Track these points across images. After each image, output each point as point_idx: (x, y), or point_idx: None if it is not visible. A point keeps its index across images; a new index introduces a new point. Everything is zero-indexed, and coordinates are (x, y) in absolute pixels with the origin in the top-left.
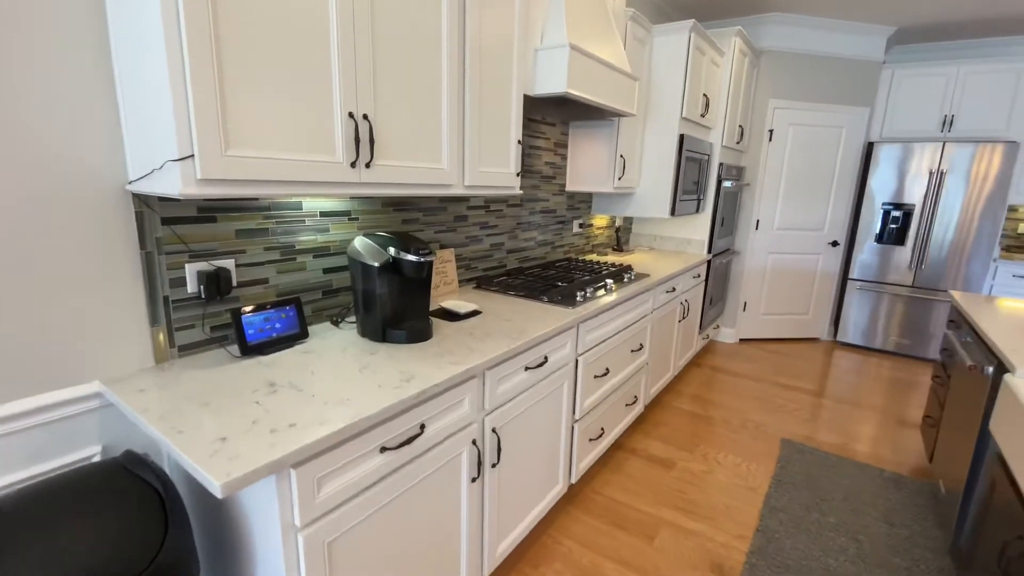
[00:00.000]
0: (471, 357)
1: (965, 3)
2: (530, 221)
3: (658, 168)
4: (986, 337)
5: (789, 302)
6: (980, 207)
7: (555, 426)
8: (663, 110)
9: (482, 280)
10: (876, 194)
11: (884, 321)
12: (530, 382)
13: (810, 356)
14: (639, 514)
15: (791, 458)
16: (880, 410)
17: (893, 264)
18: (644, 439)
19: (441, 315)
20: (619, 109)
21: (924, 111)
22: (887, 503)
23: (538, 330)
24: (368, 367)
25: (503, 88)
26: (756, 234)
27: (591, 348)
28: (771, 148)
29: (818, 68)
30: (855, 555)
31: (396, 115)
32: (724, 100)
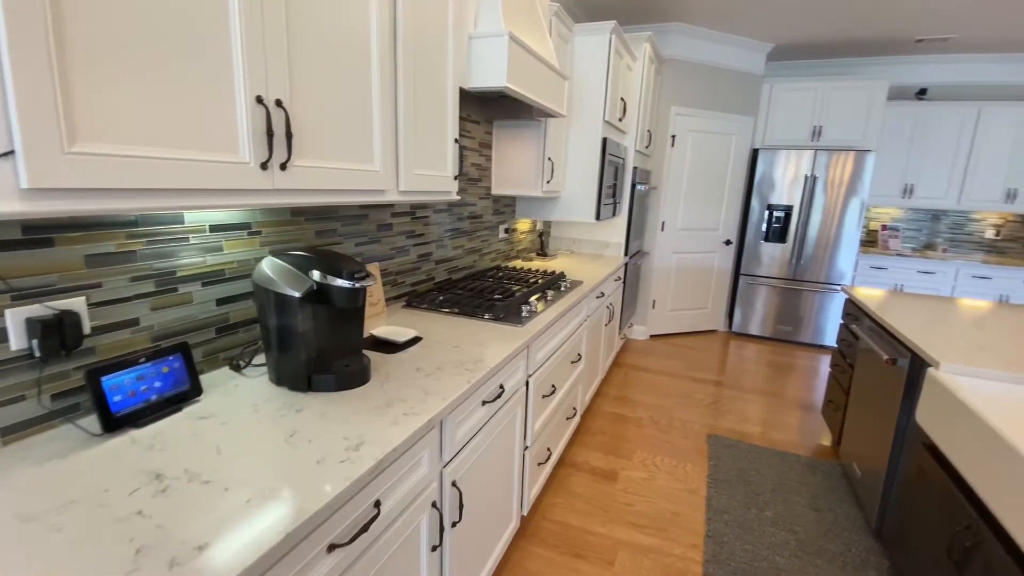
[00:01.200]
0: (429, 403)
1: (830, 26)
2: (458, 228)
3: (582, 171)
4: (897, 332)
5: (691, 298)
6: (843, 207)
7: (509, 459)
8: (587, 112)
9: (412, 297)
10: (760, 197)
11: (769, 311)
12: (487, 417)
13: (712, 348)
14: (594, 538)
15: (720, 454)
16: (780, 396)
17: (776, 259)
18: (584, 451)
19: (374, 346)
20: (552, 109)
21: (797, 122)
22: (809, 489)
23: (493, 356)
24: (298, 433)
25: (438, 79)
26: (662, 235)
27: (540, 367)
28: (673, 153)
29: (712, 78)
30: (796, 548)
31: (319, 102)
32: (637, 105)
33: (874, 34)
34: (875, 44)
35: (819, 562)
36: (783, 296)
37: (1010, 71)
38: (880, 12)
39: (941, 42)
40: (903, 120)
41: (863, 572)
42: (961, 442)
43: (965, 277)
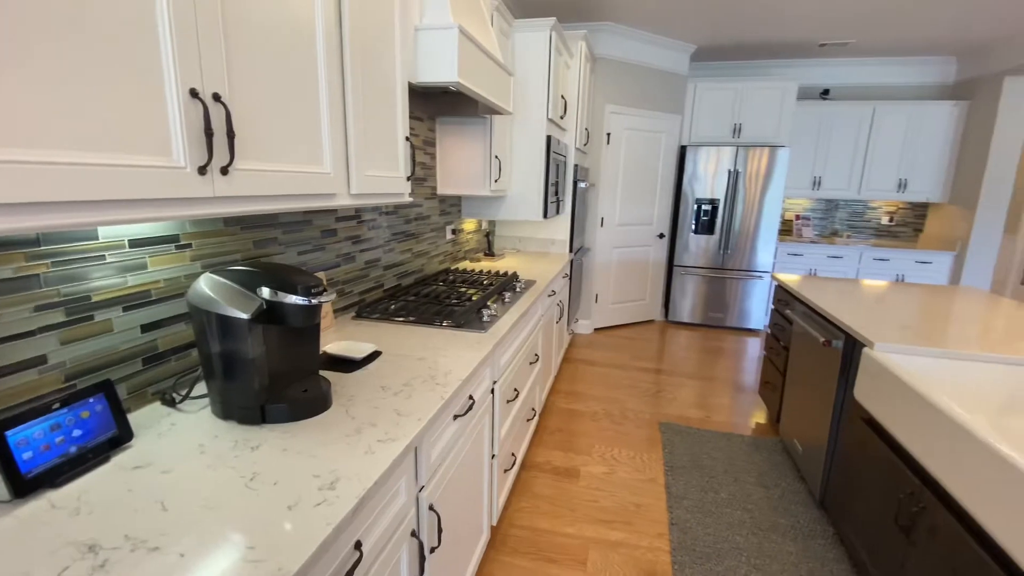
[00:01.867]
0: (404, 425)
1: (744, 30)
2: (405, 230)
3: (528, 169)
4: (831, 316)
5: (631, 290)
6: (762, 200)
7: (479, 471)
8: (530, 110)
9: (362, 307)
10: (690, 191)
11: (701, 299)
12: (459, 432)
13: (652, 337)
14: (564, 539)
15: (672, 441)
16: (718, 379)
17: (706, 250)
18: (545, 451)
19: (329, 365)
20: (500, 106)
21: (720, 120)
22: (756, 467)
23: (462, 367)
24: (259, 475)
25: (387, 72)
26: (602, 231)
27: (504, 372)
28: (609, 150)
29: (642, 77)
30: (751, 525)
31: (262, 97)
32: (576, 103)
33: (783, 38)
34: (785, 47)
35: (774, 537)
36: (713, 284)
37: (900, 73)
38: (787, 18)
39: (841, 46)
40: (810, 118)
41: (812, 541)
42: (900, 415)
43: (867, 260)
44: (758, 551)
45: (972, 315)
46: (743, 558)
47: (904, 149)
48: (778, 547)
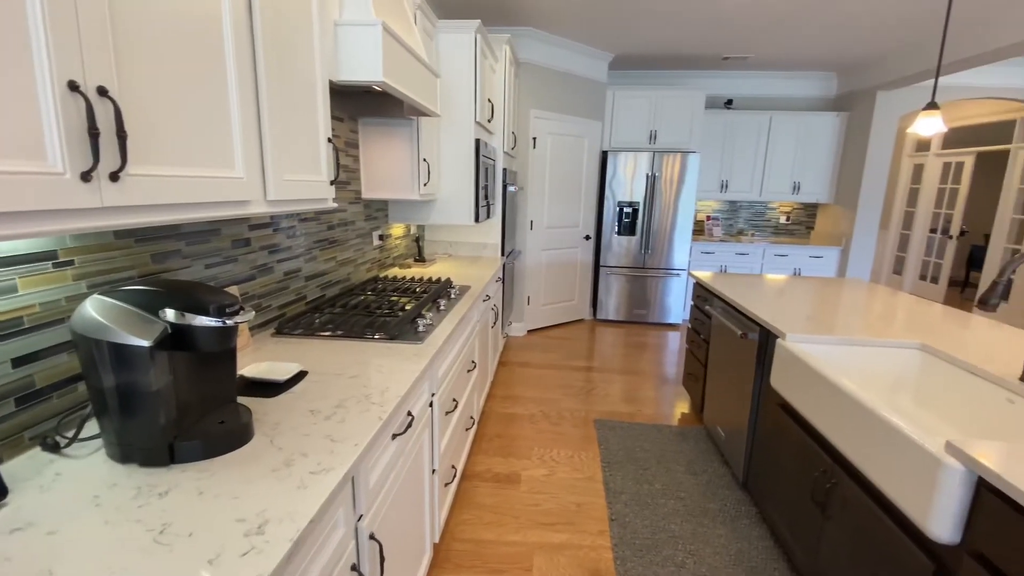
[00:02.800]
0: (340, 453)
1: (655, 41)
2: (328, 237)
3: (458, 173)
4: (745, 311)
5: (560, 291)
6: (677, 202)
7: (420, 488)
8: (458, 112)
9: (283, 323)
10: (612, 194)
11: (626, 297)
12: (399, 452)
13: (583, 336)
14: (509, 548)
15: (607, 437)
16: (645, 373)
17: (628, 251)
18: (485, 458)
19: (248, 390)
20: (427, 107)
21: (636, 126)
22: (684, 455)
23: (399, 383)
24: (171, 526)
25: (305, 69)
26: (531, 233)
27: (443, 383)
28: (535, 154)
29: (564, 83)
30: (684, 513)
31: (159, 91)
32: (502, 106)
33: (691, 51)
34: (693, 59)
35: (705, 521)
36: (635, 283)
37: (792, 86)
38: (693, 32)
39: (742, 60)
40: (717, 126)
41: (739, 522)
42: (810, 399)
43: (769, 256)
44: (692, 537)
45: (859, 304)
46: (679, 545)
47: (796, 155)
48: (709, 531)
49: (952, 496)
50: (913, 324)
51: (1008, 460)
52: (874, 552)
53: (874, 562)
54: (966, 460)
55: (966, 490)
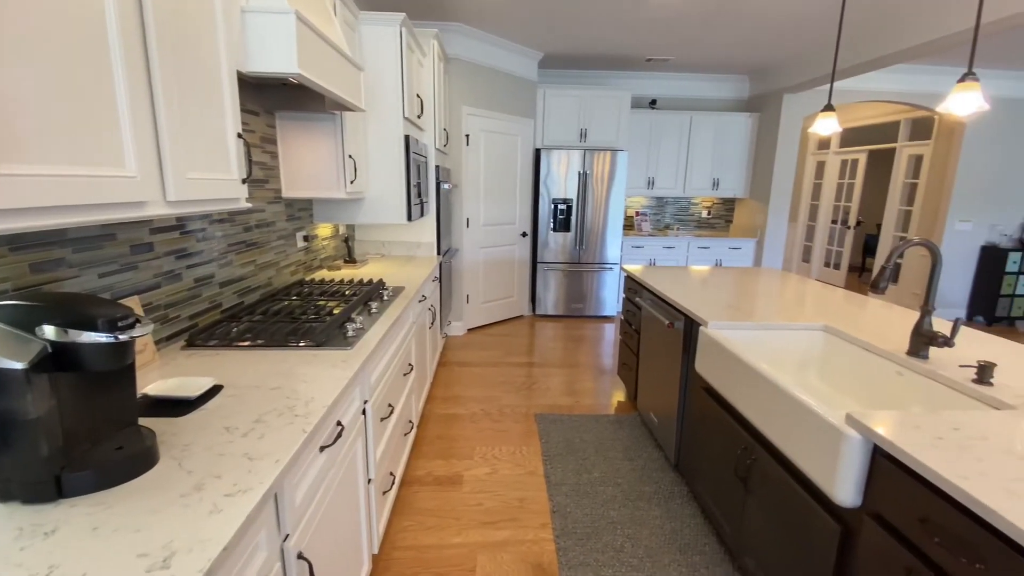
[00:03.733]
0: (258, 471)
1: (582, 42)
2: (245, 240)
3: (387, 170)
4: (672, 301)
5: (499, 288)
6: (608, 198)
7: (355, 499)
8: (385, 108)
9: (195, 334)
10: (547, 192)
11: (563, 292)
12: (329, 463)
13: (522, 332)
14: (451, 551)
15: (548, 430)
16: (583, 366)
17: (564, 246)
18: (425, 462)
19: (152, 410)
20: (350, 101)
21: (567, 124)
22: (621, 442)
23: (326, 392)
24: (59, 569)
25: (208, 57)
26: (468, 231)
27: (376, 389)
28: (468, 152)
29: (496, 81)
30: (622, 498)
31: (29, 80)
32: (432, 102)
33: (617, 52)
34: (619, 60)
35: (641, 504)
36: (572, 278)
37: (710, 88)
38: (617, 34)
39: (664, 62)
40: (643, 125)
41: (672, 502)
42: (731, 381)
43: (693, 248)
44: (630, 520)
45: (772, 291)
46: (618, 530)
47: (715, 153)
48: (645, 513)
49: (853, 463)
50: (818, 308)
51: (897, 428)
52: (790, 520)
53: (790, 529)
54: (863, 430)
55: (864, 457)
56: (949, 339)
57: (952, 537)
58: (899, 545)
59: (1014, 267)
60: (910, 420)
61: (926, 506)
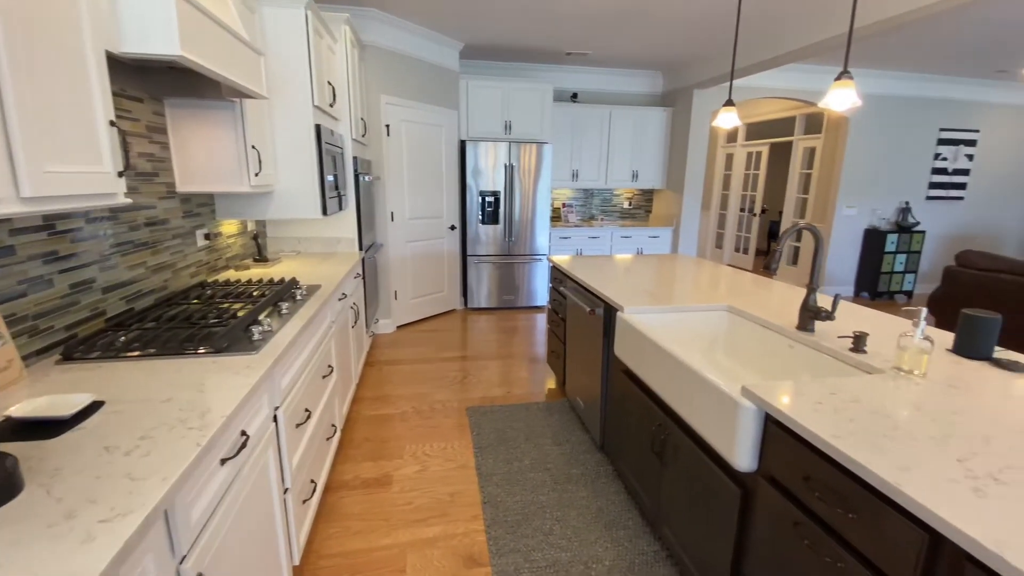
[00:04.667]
0: (142, 491)
1: (501, 33)
2: (132, 240)
3: (297, 162)
4: (592, 288)
5: (429, 283)
6: (535, 191)
7: (268, 511)
8: (291, 95)
9: (73, 346)
10: (474, 184)
11: (494, 285)
12: (231, 476)
13: (454, 327)
14: (380, 553)
15: (479, 423)
16: (516, 356)
17: (493, 239)
18: (352, 466)
19: (18, 433)
20: (248, 88)
21: (491, 116)
22: (551, 429)
23: (225, 401)
24: None
25: (66, 36)
26: (393, 225)
27: (289, 394)
28: (390, 143)
29: (416, 70)
30: (551, 483)
31: None
32: (347, 91)
33: (537, 45)
34: (539, 53)
35: (570, 487)
36: (503, 270)
37: (627, 83)
38: (536, 27)
39: (583, 56)
40: (565, 118)
41: (598, 482)
42: (645, 362)
43: (616, 238)
44: (558, 503)
45: (685, 276)
46: (547, 514)
47: (633, 146)
48: (573, 495)
49: (748, 431)
50: (724, 290)
51: (784, 396)
52: (699, 488)
53: (699, 497)
54: (756, 400)
55: (758, 425)
56: (831, 313)
57: (830, 491)
58: (788, 502)
59: (892, 247)
60: (796, 388)
61: (809, 465)
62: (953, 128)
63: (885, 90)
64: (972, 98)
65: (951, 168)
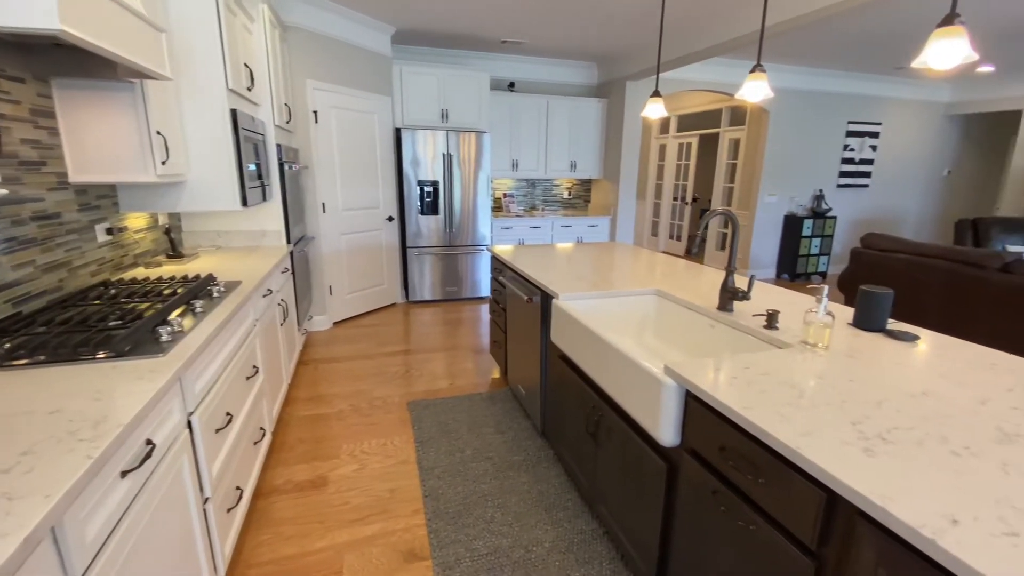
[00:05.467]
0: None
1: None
2: (17, 236)
3: (212, 150)
4: (529, 277)
5: (367, 277)
6: (475, 180)
7: (186, 525)
8: (202, 77)
9: None
10: (412, 174)
11: (437, 276)
12: (136, 489)
13: (395, 321)
14: (315, 557)
15: (421, 416)
16: (459, 348)
17: (433, 230)
18: (284, 470)
19: None
20: (147, 67)
21: (427, 104)
22: (493, 418)
23: (124, 409)
24: None
25: None
26: (325, 217)
27: (205, 397)
28: (318, 130)
29: (345, 54)
30: (493, 471)
31: None
32: (267, 74)
33: (471, 32)
34: (475, 40)
35: (511, 474)
36: (445, 261)
37: (564, 73)
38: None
39: (518, 44)
40: (504, 107)
41: (539, 467)
42: (579, 348)
43: (557, 227)
44: (500, 491)
45: (619, 263)
46: (489, 502)
47: (571, 136)
48: (515, 482)
49: (671, 407)
50: (655, 276)
51: (701, 373)
52: (629, 465)
53: (630, 473)
54: (677, 377)
55: (679, 401)
56: (747, 293)
57: (742, 459)
58: (707, 472)
59: (808, 232)
60: (713, 365)
61: (724, 437)
62: (859, 121)
63: (801, 85)
64: (875, 93)
65: (858, 158)
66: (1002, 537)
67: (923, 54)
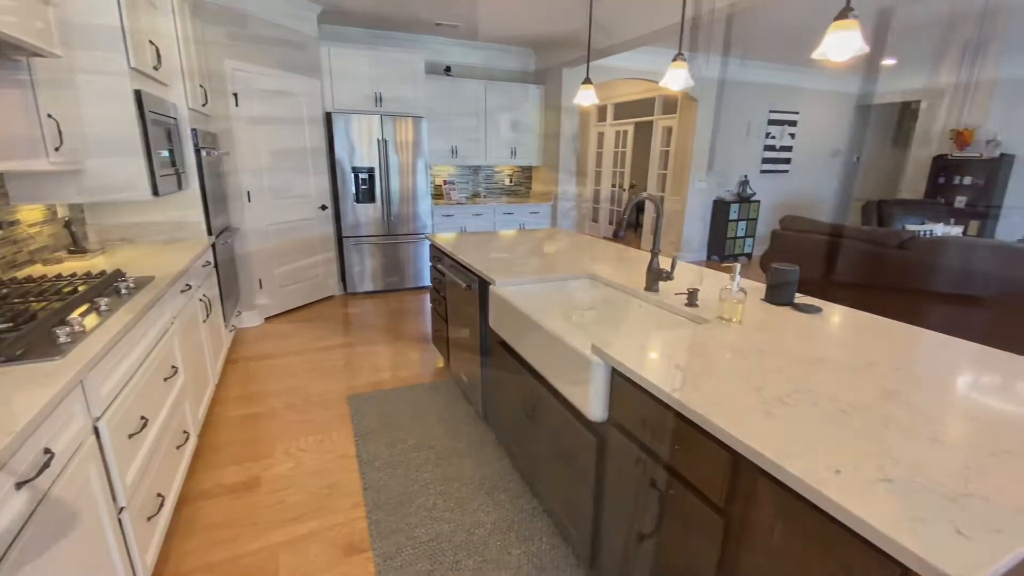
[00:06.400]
0: None
1: None
2: None
3: (116, 134)
4: (467, 264)
5: (301, 269)
6: (414, 167)
7: (98, 537)
8: (100, 56)
9: None
10: (346, 160)
11: (376, 266)
12: (35, 501)
13: (333, 313)
14: (249, 559)
15: (361, 410)
16: (402, 339)
17: (371, 218)
18: (213, 473)
19: None
20: (34, 44)
21: (359, 87)
22: (436, 407)
23: (12, 417)
24: None
25: None
26: (250, 206)
27: (113, 401)
28: (240, 113)
29: (267, 33)
30: (435, 458)
31: None
32: (177, 53)
33: (403, 14)
34: (408, 22)
35: (454, 460)
36: (385, 250)
37: (501, 59)
38: None
39: (452, 28)
40: (441, 92)
41: (482, 451)
42: (515, 332)
43: (500, 214)
44: (442, 478)
45: (556, 249)
46: (431, 490)
47: (510, 123)
48: (458, 468)
49: (599, 385)
50: (589, 260)
51: (625, 350)
52: (563, 442)
53: (564, 450)
54: (603, 356)
55: (606, 378)
56: (670, 274)
57: (661, 428)
58: (631, 443)
59: (735, 216)
60: (636, 342)
61: (644, 409)
62: (780, 110)
63: (727, 74)
64: (793, 83)
65: (778, 145)
66: (878, 483)
67: (821, 46)
